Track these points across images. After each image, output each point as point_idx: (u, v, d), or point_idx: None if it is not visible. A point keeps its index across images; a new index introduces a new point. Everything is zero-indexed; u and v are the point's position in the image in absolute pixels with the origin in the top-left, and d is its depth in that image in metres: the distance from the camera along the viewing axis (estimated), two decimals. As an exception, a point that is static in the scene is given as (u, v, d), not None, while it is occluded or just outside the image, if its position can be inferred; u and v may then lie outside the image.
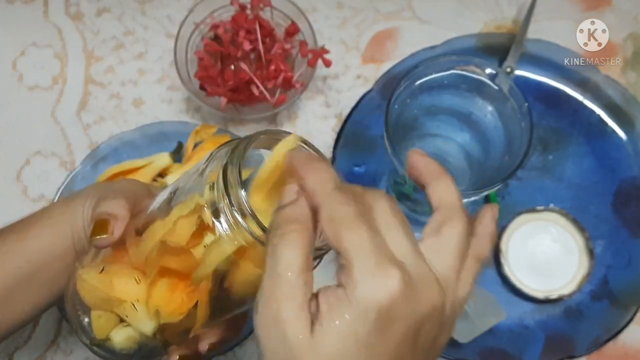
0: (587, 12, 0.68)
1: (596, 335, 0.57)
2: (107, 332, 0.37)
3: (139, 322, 0.36)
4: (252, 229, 0.31)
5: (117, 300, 0.35)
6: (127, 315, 0.36)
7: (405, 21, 0.67)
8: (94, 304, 0.37)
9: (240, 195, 0.30)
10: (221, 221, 0.32)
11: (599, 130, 0.63)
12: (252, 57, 0.61)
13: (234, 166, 0.31)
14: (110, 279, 0.36)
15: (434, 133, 0.54)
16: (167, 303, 0.35)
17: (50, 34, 0.66)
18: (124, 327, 0.37)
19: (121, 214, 0.37)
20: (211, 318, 0.37)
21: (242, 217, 0.31)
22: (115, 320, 0.37)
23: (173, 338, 0.38)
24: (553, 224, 0.60)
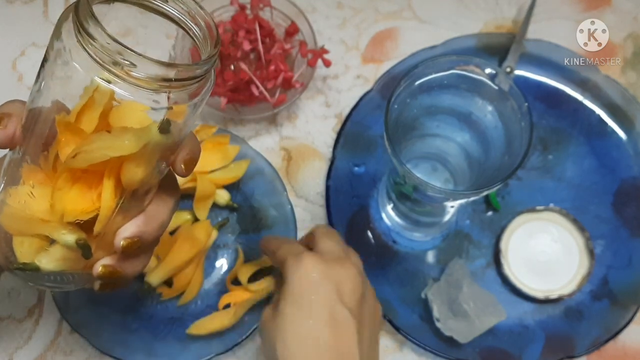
0: (587, 12, 0.68)
1: (596, 335, 0.57)
2: (31, 256, 0.35)
3: (58, 233, 0.33)
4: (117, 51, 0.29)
5: (34, 219, 0.33)
6: (47, 230, 0.33)
7: (405, 21, 0.67)
8: (14, 228, 0.34)
9: (96, 23, 0.29)
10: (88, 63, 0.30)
11: (599, 130, 0.63)
12: (252, 57, 0.61)
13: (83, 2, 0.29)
14: (22, 198, 0.33)
15: (433, 133, 0.54)
16: (74, 204, 0.32)
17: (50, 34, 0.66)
18: (47, 248, 0.35)
19: (16, 112, 0.35)
20: (121, 211, 0.34)
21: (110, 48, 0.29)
22: (37, 244, 0.35)
23: (98, 242, 0.35)
24: (553, 223, 0.60)
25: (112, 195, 0.33)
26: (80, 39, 0.30)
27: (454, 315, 0.55)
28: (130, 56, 0.30)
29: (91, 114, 0.31)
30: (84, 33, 0.30)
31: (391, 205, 0.60)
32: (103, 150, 0.31)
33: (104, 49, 0.30)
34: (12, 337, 0.58)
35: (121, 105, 0.31)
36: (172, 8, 0.35)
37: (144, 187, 0.35)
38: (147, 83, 0.30)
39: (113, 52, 0.30)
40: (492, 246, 0.60)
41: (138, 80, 0.30)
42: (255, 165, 0.60)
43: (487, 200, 0.61)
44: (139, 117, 0.32)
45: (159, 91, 0.31)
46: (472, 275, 0.58)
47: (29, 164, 0.34)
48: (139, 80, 0.30)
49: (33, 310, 0.59)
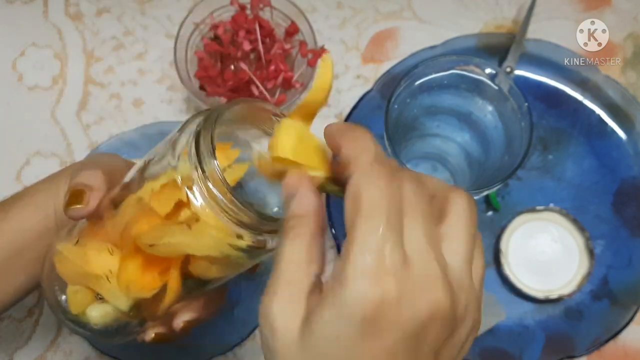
0: (587, 12, 0.68)
1: (596, 335, 0.57)
2: (83, 307, 0.36)
3: (114, 297, 0.35)
4: (227, 201, 0.29)
5: (92, 275, 0.34)
6: (102, 289, 0.35)
7: (405, 21, 0.67)
8: (70, 278, 0.36)
9: (214, 165, 0.29)
10: (195, 194, 0.30)
11: (599, 130, 0.63)
12: (252, 57, 0.61)
13: (207, 133, 0.29)
14: (85, 252, 0.34)
15: (434, 133, 0.54)
16: (138, 278, 0.34)
17: (50, 34, 0.66)
18: (100, 303, 0.36)
19: (97, 185, 0.36)
20: (183, 295, 0.35)
21: (217, 189, 0.29)
22: (91, 296, 0.36)
23: (149, 315, 0.37)
24: (553, 223, 0.60)
25: (177, 284, 0.34)
26: (195, 172, 0.30)
27: (454, 315, 0.55)
28: (236, 207, 0.30)
29: (168, 200, 0.32)
30: (199, 168, 0.30)
31: (391, 205, 0.60)
32: (183, 247, 0.32)
33: (212, 195, 0.30)
34: (12, 337, 0.58)
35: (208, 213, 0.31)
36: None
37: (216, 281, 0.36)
38: (239, 227, 0.31)
39: (222, 198, 0.30)
40: (492, 246, 0.60)
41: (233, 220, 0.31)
42: (255, 165, 0.60)
43: (487, 200, 0.61)
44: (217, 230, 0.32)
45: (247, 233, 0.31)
46: (472, 275, 0.58)
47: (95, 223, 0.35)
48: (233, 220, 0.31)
49: (33, 310, 0.59)
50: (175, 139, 0.32)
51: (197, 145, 0.30)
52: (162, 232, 0.31)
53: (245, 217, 0.30)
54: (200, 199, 0.30)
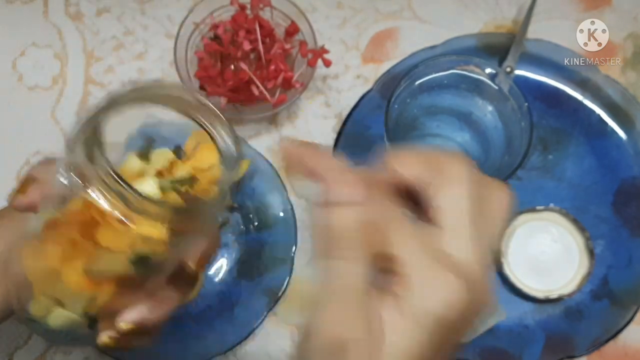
0: (587, 12, 0.68)
1: (596, 335, 0.57)
2: (44, 312, 0.36)
3: (67, 299, 0.35)
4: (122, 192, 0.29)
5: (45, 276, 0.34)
6: (55, 290, 0.35)
7: (405, 21, 0.67)
8: (33, 279, 0.36)
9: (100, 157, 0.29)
10: (93, 190, 0.30)
11: (599, 130, 0.63)
12: (252, 57, 0.61)
13: (90, 127, 0.30)
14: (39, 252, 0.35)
15: (434, 133, 0.54)
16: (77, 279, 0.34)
17: (50, 34, 0.66)
18: (59, 308, 0.36)
19: (43, 178, 0.36)
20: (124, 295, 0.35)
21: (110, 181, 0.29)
22: (53, 301, 0.36)
23: (101, 317, 0.37)
24: (553, 223, 0.60)
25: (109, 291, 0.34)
26: (88, 162, 0.30)
27: (454, 315, 0.55)
28: (134, 200, 0.30)
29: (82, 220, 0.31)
30: (89, 159, 0.30)
31: (391, 205, 0.60)
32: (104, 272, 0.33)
33: (109, 187, 0.30)
34: (12, 336, 0.58)
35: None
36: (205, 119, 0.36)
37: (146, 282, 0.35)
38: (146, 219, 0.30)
39: (117, 191, 0.30)
40: (492, 246, 0.60)
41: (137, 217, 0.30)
42: (256, 165, 0.60)
43: (487, 200, 0.61)
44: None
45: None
46: (472, 275, 0.58)
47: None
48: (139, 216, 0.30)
49: (33, 310, 0.59)
50: (71, 142, 0.31)
51: (86, 138, 0.29)
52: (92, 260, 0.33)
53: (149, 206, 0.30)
54: (96, 192, 0.30)
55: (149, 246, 0.32)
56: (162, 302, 0.37)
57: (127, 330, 0.36)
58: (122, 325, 0.36)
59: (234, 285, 0.59)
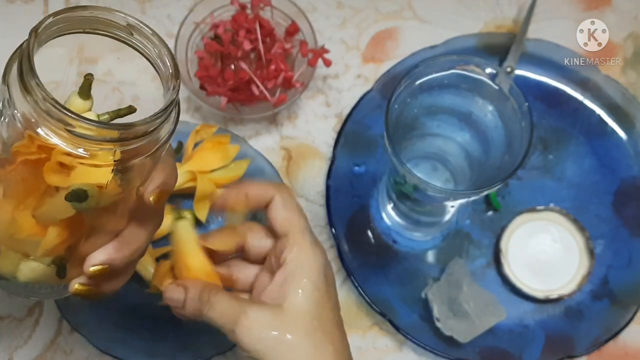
0: (587, 12, 0.68)
1: (596, 334, 0.57)
2: (12, 267, 0.35)
3: (31, 248, 0.34)
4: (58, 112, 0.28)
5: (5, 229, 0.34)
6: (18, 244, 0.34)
7: (406, 21, 0.67)
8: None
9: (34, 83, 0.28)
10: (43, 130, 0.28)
11: (599, 130, 0.63)
12: (252, 57, 0.61)
13: (25, 52, 0.29)
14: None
15: (434, 133, 0.54)
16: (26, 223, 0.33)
17: (51, 34, 0.66)
18: (27, 260, 0.35)
19: None
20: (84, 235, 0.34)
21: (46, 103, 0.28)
22: (18, 257, 0.35)
23: (70, 264, 0.36)
24: (553, 223, 0.60)
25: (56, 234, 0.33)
26: (23, 92, 0.29)
27: (454, 315, 0.55)
28: (67, 118, 0.28)
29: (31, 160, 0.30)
30: (23, 88, 0.29)
31: (391, 205, 0.60)
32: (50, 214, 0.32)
33: (43, 108, 0.28)
34: (12, 336, 0.58)
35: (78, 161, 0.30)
36: (138, 41, 0.35)
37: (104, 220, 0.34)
38: (88, 143, 0.29)
39: (51, 112, 0.28)
40: (492, 246, 0.60)
41: (79, 140, 0.29)
42: (256, 165, 0.60)
43: (488, 200, 0.61)
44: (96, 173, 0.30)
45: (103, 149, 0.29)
46: (472, 275, 0.58)
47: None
48: (79, 140, 0.29)
49: (33, 309, 0.59)
50: (4, 73, 0.31)
51: (20, 64, 0.29)
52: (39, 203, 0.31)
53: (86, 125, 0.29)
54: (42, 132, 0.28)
55: (95, 179, 0.30)
56: (128, 241, 0.36)
57: (97, 273, 0.35)
58: (91, 269, 0.35)
59: (234, 284, 0.59)
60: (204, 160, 0.58)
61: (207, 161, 0.58)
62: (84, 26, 0.32)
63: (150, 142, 0.31)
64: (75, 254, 0.35)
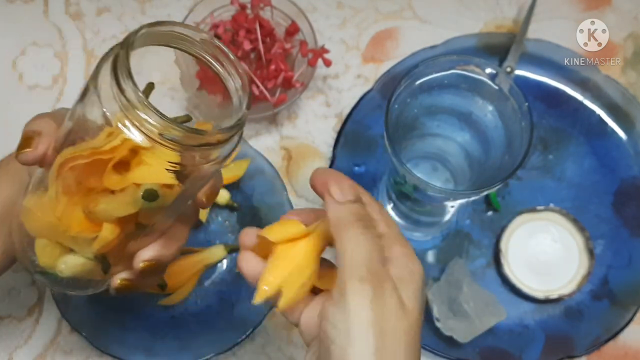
0: (587, 12, 0.68)
1: (596, 335, 0.57)
2: (52, 260, 0.36)
3: (78, 244, 0.35)
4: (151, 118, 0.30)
5: (54, 224, 0.35)
6: (65, 238, 0.35)
7: (406, 21, 0.67)
8: (36, 231, 0.36)
9: (130, 85, 0.30)
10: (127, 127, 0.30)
11: (599, 130, 0.63)
12: (252, 57, 0.61)
13: (123, 56, 0.30)
14: (44, 202, 0.35)
15: (434, 133, 0.54)
16: (79, 221, 0.34)
17: (51, 34, 0.66)
18: (68, 254, 0.36)
19: (46, 130, 0.36)
20: (134, 235, 0.36)
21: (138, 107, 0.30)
22: (59, 248, 0.36)
23: (113, 259, 0.37)
24: (553, 223, 0.60)
25: (110, 230, 0.34)
26: (114, 92, 0.30)
27: (454, 315, 0.55)
28: (157, 120, 0.30)
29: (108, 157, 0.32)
30: (117, 88, 0.30)
31: (391, 205, 0.60)
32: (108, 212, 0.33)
33: (134, 108, 0.30)
34: (12, 336, 0.58)
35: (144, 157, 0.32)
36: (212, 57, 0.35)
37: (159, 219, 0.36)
38: (169, 144, 0.31)
39: (142, 112, 0.30)
40: (492, 246, 0.60)
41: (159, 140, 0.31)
42: (256, 165, 0.60)
43: (487, 200, 0.61)
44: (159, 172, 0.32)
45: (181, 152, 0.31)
46: (472, 275, 0.58)
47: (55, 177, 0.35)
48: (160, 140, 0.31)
49: (33, 309, 0.59)
50: (95, 73, 0.32)
51: (114, 69, 0.30)
52: (94, 201, 0.33)
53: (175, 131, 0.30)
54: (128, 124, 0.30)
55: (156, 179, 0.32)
56: (174, 238, 0.38)
57: (146, 268, 0.37)
58: (141, 264, 0.37)
59: (234, 285, 0.59)
60: None
61: None
62: (164, 40, 0.34)
63: (219, 151, 0.33)
64: (118, 251, 0.36)
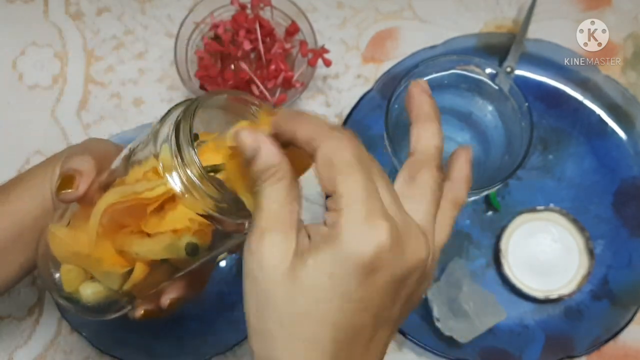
0: (587, 12, 0.68)
1: (596, 335, 0.57)
2: (76, 286, 0.37)
3: (105, 276, 0.36)
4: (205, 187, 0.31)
5: (83, 254, 0.36)
6: (93, 268, 0.36)
7: (406, 21, 0.67)
8: (63, 257, 0.37)
9: (191, 152, 0.31)
10: (175, 180, 0.32)
11: (599, 130, 0.63)
12: (252, 57, 0.61)
13: (186, 122, 0.31)
14: (76, 233, 0.36)
15: (434, 133, 0.54)
16: (109, 257, 0.35)
17: (51, 34, 0.66)
18: (92, 281, 0.37)
19: (86, 170, 0.37)
20: (167, 276, 0.38)
21: (195, 176, 0.31)
22: (84, 274, 0.37)
23: (138, 293, 0.38)
24: (553, 223, 0.60)
25: (142, 269, 0.36)
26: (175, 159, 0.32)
27: (454, 315, 0.55)
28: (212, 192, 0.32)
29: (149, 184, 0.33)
30: (179, 157, 0.31)
31: (391, 205, 0.60)
32: (142, 254, 0.35)
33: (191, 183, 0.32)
34: (12, 336, 0.58)
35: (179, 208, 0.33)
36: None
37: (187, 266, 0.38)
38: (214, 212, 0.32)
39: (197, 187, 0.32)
40: (492, 246, 0.60)
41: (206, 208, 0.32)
42: (256, 165, 0.60)
43: (487, 200, 0.61)
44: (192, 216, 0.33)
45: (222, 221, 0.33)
46: (472, 275, 0.58)
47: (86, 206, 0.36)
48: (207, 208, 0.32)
49: (33, 309, 0.59)
50: (157, 129, 0.33)
51: (176, 134, 0.31)
52: (129, 242, 0.34)
53: (220, 199, 0.32)
54: (178, 184, 0.32)
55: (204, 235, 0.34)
56: (200, 278, 0.40)
57: (170, 306, 0.39)
58: (168, 302, 0.39)
59: (234, 284, 0.59)
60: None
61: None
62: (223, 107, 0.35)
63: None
64: (146, 287, 0.38)
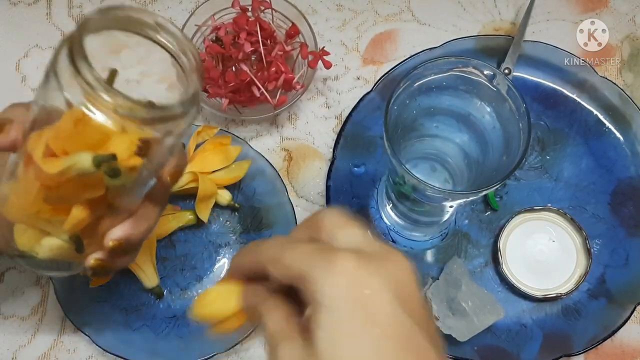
0: (584, 14, 0.68)
1: (594, 333, 0.57)
2: (30, 244, 0.38)
3: (52, 227, 0.36)
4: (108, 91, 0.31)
5: (29, 209, 0.36)
6: (39, 222, 0.36)
7: (405, 23, 0.68)
8: (13, 216, 0.37)
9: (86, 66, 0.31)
10: (74, 94, 0.31)
11: (596, 131, 0.63)
12: (253, 59, 0.61)
13: (76, 40, 0.31)
14: (18, 187, 0.36)
15: (432, 134, 0.54)
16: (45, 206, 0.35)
17: (54, 36, 0.67)
18: (45, 238, 0.37)
19: (19, 118, 0.37)
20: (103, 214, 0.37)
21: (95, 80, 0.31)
22: (37, 233, 0.37)
23: (86, 238, 0.38)
24: (551, 223, 0.60)
25: (80, 211, 0.35)
26: (72, 74, 0.31)
27: (452, 314, 0.56)
28: (114, 96, 0.31)
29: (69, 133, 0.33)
30: (75, 70, 0.31)
31: (390, 205, 0.61)
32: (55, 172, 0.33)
33: (91, 87, 0.31)
34: (16, 335, 0.59)
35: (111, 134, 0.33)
36: (164, 38, 0.38)
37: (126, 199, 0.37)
38: (129, 120, 0.32)
39: (99, 90, 0.31)
40: (491, 245, 0.61)
41: (120, 117, 0.32)
42: (256, 166, 0.61)
43: (486, 200, 0.62)
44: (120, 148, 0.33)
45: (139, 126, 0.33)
46: (471, 274, 0.59)
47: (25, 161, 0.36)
48: (121, 117, 0.32)
49: (37, 309, 0.59)
50: (53, 60, 0.33)
51: (70, 50, 0.31)
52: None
53: (135, 107, 0.32)
54: (78, 95, 0.31)
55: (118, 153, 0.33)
56: (143, 219, 0.39)
57: (116, 247, 0.38)
58: (110, 243, 0.38)
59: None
60: (205, 161, 0.59)
61: (209, 162, 0.59)
62: (118, 25, 0.36)
63: (176, 126, 0.35)
64: (92, 232, 0.38)
